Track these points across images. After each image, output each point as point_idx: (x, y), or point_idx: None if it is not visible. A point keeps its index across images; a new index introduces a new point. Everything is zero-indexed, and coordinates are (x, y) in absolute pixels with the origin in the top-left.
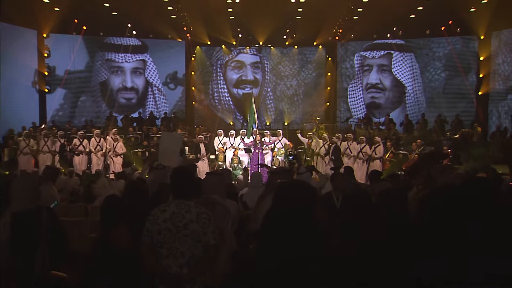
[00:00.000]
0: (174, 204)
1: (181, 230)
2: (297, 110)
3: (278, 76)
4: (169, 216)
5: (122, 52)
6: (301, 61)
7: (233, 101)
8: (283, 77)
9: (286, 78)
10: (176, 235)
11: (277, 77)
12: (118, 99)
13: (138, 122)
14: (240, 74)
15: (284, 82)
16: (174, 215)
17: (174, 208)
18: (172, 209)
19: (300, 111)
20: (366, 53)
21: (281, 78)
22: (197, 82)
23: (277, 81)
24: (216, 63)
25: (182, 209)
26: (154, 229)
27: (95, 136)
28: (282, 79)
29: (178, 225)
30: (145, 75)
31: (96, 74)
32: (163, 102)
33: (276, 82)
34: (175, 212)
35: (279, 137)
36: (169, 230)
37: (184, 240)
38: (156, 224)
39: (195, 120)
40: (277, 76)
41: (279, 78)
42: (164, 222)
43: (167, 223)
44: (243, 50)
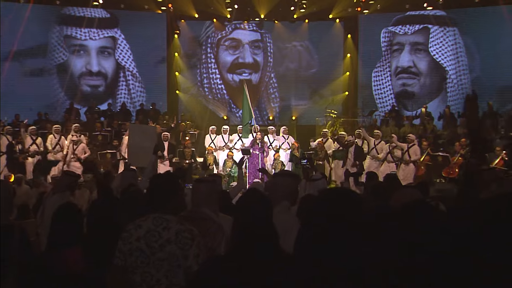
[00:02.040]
0: (151, 219)
1: (156, 252)
2: (307, 101)
3: (284, 58)
4: (144, 234)
5: (86, 27)
6: (313, 40)
7: (227, 90)
8: (291, 59)
9: (294, 61)
10: (150, 258)
11: (283, 60)
12: (81, 87)
13: (107, 116)
14: (236, 56)
15: (292, 66)
16: (149, 233)
17: (150, 224)
18: (148, 225)
19: (312, 103)
20: (395, 28)
21: (287, 61)
22: (182, 65)
23: (283, 65)
24: (206, 41)
25: (159, 226)
26: (126, 249)
27: (54, 133)
28: (289, 62)
29: (152, 245)
30: (115, 57)
31: (52, 55)
32: (139, 91)
33: (281, 66)
34: (150, 229)
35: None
36: (142, 251)
37: (159, 265)
38: (128, 243)
39: (180, 114)
40: (282, 58)
41: (286, 60)
42: (137, 241)
43: (140, 242)
44: (240, 26)
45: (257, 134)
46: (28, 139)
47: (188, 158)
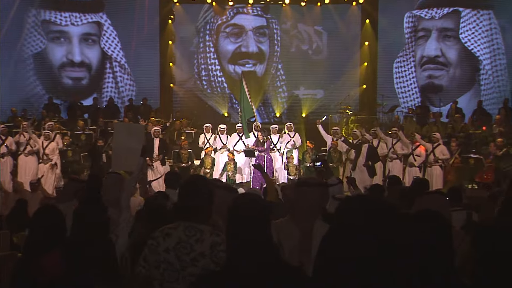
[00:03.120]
0: (183, 228)
1: (187, 267)
2: (320, 95)
3: (293, 47)
4: (174, 245)
5: (67, 11)
6: (327, 25)
7: (228, 83)
8: (301, 48)
9: (305, 50)
10: (180, 273)
11: (292, 48)
12: (62, 79)
13: (91, 113)
14: (238, 44)
15: (302, 56)
16: (180, 244)
17: (181, 233)
18: (178, 235)
19: (325, 98)
20: (421, 12)
21: (297, 50)
22: (177, 55)
23: (292, 54)
24: (204, 28)
25: (192, 237)
26: (152, 260)
27: (24, 131)
28: (299, 51)
29: (183, 258)
30: (100, 45)
31: (28, 42)
32: (128, 84)
33: (290, 56)
34: (181, 239)
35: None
36: (170, 264)
37: (190, 281)
38: (155, 253)
39: (174, 110)
40: (291, 47)
41: (295, 49)
42: (165, 252)
43: (170, 254)
44: (243, 10)
45: (258, 134)
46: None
47: (185, 161)
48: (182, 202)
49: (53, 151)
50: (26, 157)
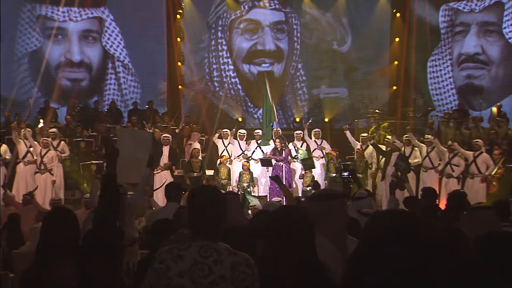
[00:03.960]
0: (196, 248)
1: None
2: (345, 98)
3: (314, 45)
4: (188, 267)
5: (65, 5)
6: (352, 19)
7: (242, 85)
8: (323, 45)
9: (328, 48)
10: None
11: (313, 46)
12: (59, 81)
13: (91, 118)
14: (254, 41)
15: (325, 54)
16: (195, 266)
17: (196, 255)
18: (193, 256)
19: (350, 101)
20: (458, 4)
21: (319, 48)
22: (186, 53)
23: (313, 52)
24: (216, 23)
25: (209, 258)
26: (161, 285)
27: (24, 138)
28: (321, 48)
29: (200, 282)
30: (102, 43)
31: (22, 40)
32: (132, 86)
33: (311, 54)
34: (197, 261)
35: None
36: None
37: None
38: (165, 278)
39: (183, 115)
40: (313, 44)
41: (317, 47)
42: (179, 276)
43: (184, 278)
44: (259, 3)
45: (276, 141)
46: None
47: (197, 170)
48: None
49: (52, 160)
50: (25, 166)
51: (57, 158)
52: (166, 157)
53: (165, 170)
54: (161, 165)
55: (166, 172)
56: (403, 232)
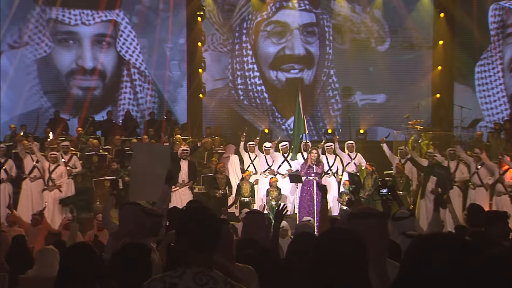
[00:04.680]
0: (191, 276)
1: None
2: (382, 107)
3: (349, 48)
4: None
5: (77, 8)
6: (391, 20)
7: (269, 93)
8: (358, 49)
9: (364, 52)
10: None
11: (348, 50)
12: (71, 90)
13: (105, 130)
14: (281, 46)
15: (360, 59)
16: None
17: (190, 282)
18: (187, 284)
19: (388, 110)
20: (510, 2)
21: (354, 52)
22: (207, 59)
23: (347, 57)
24: (241, 26)
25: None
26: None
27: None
28: (356, 52)
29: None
30: (116, 48)
31: (31, 46)
32: (149, 95)
33: (345, 59)
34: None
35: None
36: None
37: None
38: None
39: (205, 126)
40: (347, 48)
41: (351, 51)
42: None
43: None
44: (287, 4)
45: (311, 154)
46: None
47: (222, 187)
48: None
49: (61, 176)
50: (31, 183)
51: (66, 174)
52: (185, 172)
53: (184, 187)
54: (179, 181)
55: (185, 189)
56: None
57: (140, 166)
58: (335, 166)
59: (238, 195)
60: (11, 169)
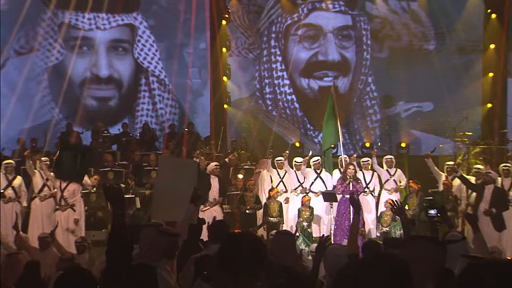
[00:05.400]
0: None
1: None
2: (426, 119)
3: (388, 54)
4: None
5: (91, 11)
6: (436, 21)
7: (300, 103)
8: (399, 54)
9: (405, 57)
10: None
11: (387, 56)
12: (84, 100)
13: (121, 143)
14: (314, 51)
15: (402, 64)
16: None
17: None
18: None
19: (433, 121)
20: None
21: (394, 57)
22: (233, 66)
23: (387, 63)
24: (269, 29)
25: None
26: None
27: (40, 169)
28: (398, 57)
29: None
30: (134, 54)
31: (42, 52)
32: (169, 105)
33: (384, 65)
34: None
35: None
36: None
37: None
38: None
39: (229, 139)
40: (386, 54)
41: (391, 56)
42: None
43: None
44: (321, 5)
45: (349, 169)
46: (1, 178)
47: (250, 205)
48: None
49: (73, 194)
50: (41, 202)
51: (79, 192)
52: (217, 190)
53: (215, 206)
54: (210, 200)
55: (216, 208)
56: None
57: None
58: (373, 183)
59: (266, 215)
60: (20, 186)
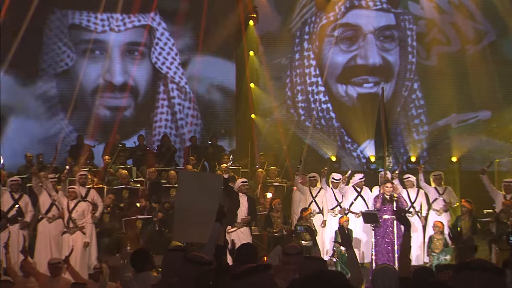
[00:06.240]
0: None
1: None
2: (480, 130)
3: (437, 57)
4: None
5: (104, 11)
6: (492, 22)
7: (337, 112)
8: (450, 58)
9: (456, 60)
10: None
11: (436, 60)
12: (96, 110)
13: (137, 158)
14: (352, 54)
15: (453, 69)
16: None
17: None
18: None
19: (489, 133)
20: None
21: (444, 61)
22: (261, 71)
23: (436, 68)
24: (302, 30)
25: None
26: None
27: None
28: (447, 62)
29: None
30: (151, 59)
31: (49, 57)
32: (190, 115)
33: (433, 70)
34: None
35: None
36: None
37: None
38: None
39: (258, 154)
40: (435, 57)
41: (441, 61)
42: None
43: None
44: (360, 3)
45: (386, 187)
46: (6, 197)
47: (278, 228)
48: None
49: (83, 215)
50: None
51: (89, 212)
52: (246, 209)
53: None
54: (238, 220)
55: (245, 229)
56: None
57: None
58: (418, 202)
59: (298, 239)
60: (27, 206)
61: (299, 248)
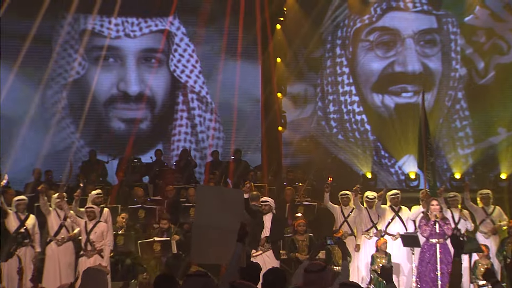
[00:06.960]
0: None
1: None
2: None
3: (483, 63)
4: None
5: (119, 15)
6: None
7: (372, 124)
8: (500, 64)
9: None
10: None
11: (483, 66)
12: (110, 122)
13: (154, 174)
14: (390, 60)
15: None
16: None
17: None
18: None
19: None
20: None
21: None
22: (289, 80)
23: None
24: (334, 35)
25: None
26: None
27: (57, 208)
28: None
29: None
30: (170, 67)
31: (60, 65)
32: (212, 128)
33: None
34: None
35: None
36: None
37: None
38: None
39: (285, 171)
40: (480, 61)
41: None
42: None
43: None
44: (397, 4)
45: (431, 206)
46: (12, 217)
47: (304, 252)
48: None
49: (102, 237)
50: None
51: (109, 234)
52: (269, 230)
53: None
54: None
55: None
56: None
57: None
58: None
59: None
60: (34, 227)
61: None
